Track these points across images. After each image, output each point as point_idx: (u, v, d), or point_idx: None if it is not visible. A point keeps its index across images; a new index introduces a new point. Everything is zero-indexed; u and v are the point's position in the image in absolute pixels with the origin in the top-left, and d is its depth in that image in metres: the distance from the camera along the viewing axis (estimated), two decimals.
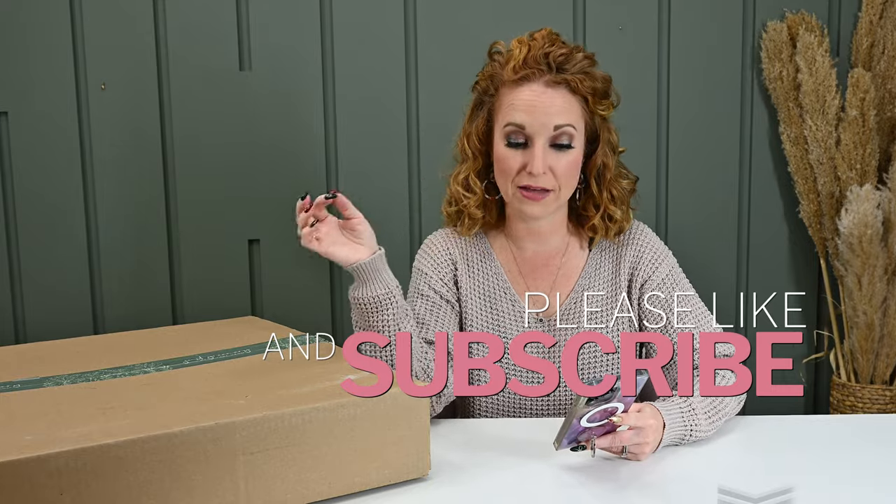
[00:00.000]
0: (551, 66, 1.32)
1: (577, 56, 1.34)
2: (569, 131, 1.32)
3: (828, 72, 2.00)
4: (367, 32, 2.07)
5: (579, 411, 1.07)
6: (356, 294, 1.25)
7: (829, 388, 2.17)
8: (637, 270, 1.41)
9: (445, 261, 1.45)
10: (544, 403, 1.42)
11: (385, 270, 1.26)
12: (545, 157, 1.31)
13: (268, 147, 2.09)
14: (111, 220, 2.09)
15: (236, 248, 2.12)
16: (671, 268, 1.42)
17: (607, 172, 1.39)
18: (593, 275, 1.42)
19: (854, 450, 1.22)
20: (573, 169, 1.35)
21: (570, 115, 1.33)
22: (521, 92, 1.33)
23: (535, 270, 1.43)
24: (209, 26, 2.05)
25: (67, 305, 2.10)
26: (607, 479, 1.11)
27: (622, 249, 1.43)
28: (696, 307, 1.41)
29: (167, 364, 1.17)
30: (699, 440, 1.24)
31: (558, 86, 1.32)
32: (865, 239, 1.92)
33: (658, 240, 1.45)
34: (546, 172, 1.32)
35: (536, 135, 1.32)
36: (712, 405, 1.26)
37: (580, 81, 1.32)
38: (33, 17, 2.01)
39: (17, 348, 1.36)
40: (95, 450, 0.87)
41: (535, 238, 1.43)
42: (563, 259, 1.43)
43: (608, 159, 1.38)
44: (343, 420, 1.01)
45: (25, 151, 2.06)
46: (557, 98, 1.32)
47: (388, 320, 1.25)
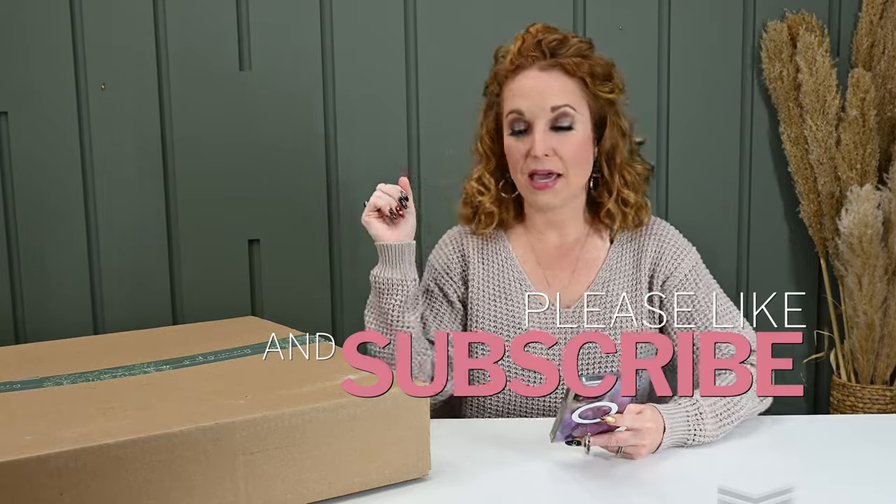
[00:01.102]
0: (545, 52, 1.34)
1: (571, 41, 1.35)
2: (567, 111, 1.32)
3: (828, 72, 2.00)
4: (367, 32, 2.07)
5: (569, 406, 1.08)
6: (375, 272, 1.34)
7: (829, 388, 2.17)
8: (658, 266, 1.40)
9: (456, 256, 1.46)
10: (545, 403, 1.41)
11: (407, 261, 1.33)
12: (546, 140, 1.32)
13: (268, 147, 2.09)
14: (111, 220, 2.09)
15: (236, 248, 2.12)
16: (694, 264, 1.40)
17: (617, 155, 1.38)
18: (614, 267, 1.41)
19: (854, 450, 1.22)
20: (579, 151, 1.34)
21: (566, 96, 1.33)
22: (517, 80, 1.35)
23: (555, 260, 1.43)
24: (209, 26, 2.05)
25: (67, 305, 2.10)
26: (606, 480, 1.11)
27: (643, 245, 1.41)
28: (722, 304, 1.39)
29: (167, 364, 1.17)
30: (706, 443, 1.23)
31: (553, 69, 1.34)
32: (865, 239, 1.92)
33: (680, 236, 1.43)
34: (550, 155, 1.32)
35: (536, 118, 1.33)
36: (725, 407, 1.24)
37: (576, 65, 1.33)
38: (33, 17, 2.01)
39: (17, 348, 1.35)
40: (95, 450, 0.87)
41: (553, 228, 1.43)
42: (583, 250, 1.43)
43: (618, 143, 1.38)
44: (343, 420, 1.01)
45: (25, 151, 2.06)
46: (553, 80, 1.33)
47: (395, 305, 1.33)
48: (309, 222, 2.11)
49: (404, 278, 1.33)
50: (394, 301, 1.33)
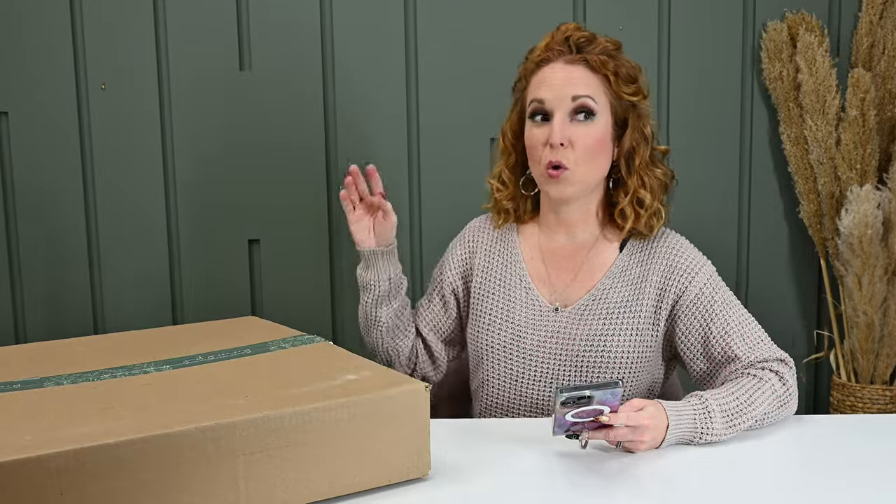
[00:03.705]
0: (571, 47, 1.36)
1: (599, 40, 1.37)
2: (587, 103, 1.33)
3: (828, 72, 2.00)
4: (368, 32, 2.07)
5: (559, 409, 1.10)
6: (357, 270, 1.46)
7: (829, 388, 2.17)
8: (670, 282, 1.36)
9: (466, 248, 1.50)
10: (520, 404, 1.41)
11: (382, 263, 1.43)
12: (564, 129, 1.32)
13: (268, 147, 2.09)
14: (111, 219, 2.09)
15: (236, 248, 2.12)
16: (708, 278, 1.36)
17: (637, 157, 1.38)
18: (619, 275, 1.39)
19: (854, 450, 1.22)
20: (595, 143, 1.34)
21: (588, 88, 1.34)
22: (542, 71, 1.37)
23: (560, 261, 1.43)
24: (209, 26, 2.05)
25: (67, 305, 2.10)
26: (607, 480, 1.11)
27: (653, 257, 1.39)
28: (740, 317, 1.35)
29: (167, 364, 1.17)
30: (714, 442, 1.23)
31: (577, 63, 1.35)
32: (865, 239, 1.92)
33: (693, 249, 1.40)
34: (566, 144, 1.32)
35: (556, 108, 1.33)
36: (736, 407, 1.23)
37: (601, 62, 1.34)
38: (33, 17, 2.01)
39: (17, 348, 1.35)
40: (95, 450, 0.87)
41: (564, 229, 1.43)
42: (589, 254, 1.42)
43: (638, 145, 1.38)
44: (343, 420, 1.01)
45: (26, 151, 2.06)
46: (575, 72, 1.34)
47: (368, 301, 1.45)
48: (309, 222, 2.11)
49: (378, 279, 1.43)
50: (368, 297, 1.45)
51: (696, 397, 1.23)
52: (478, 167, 2.12)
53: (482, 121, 2.10)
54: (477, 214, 1.55)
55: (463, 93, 2.10)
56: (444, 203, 2.12)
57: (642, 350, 1.37)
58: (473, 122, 2.10)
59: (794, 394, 1.30)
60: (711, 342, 1.34)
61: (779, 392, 1.27)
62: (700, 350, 1.35)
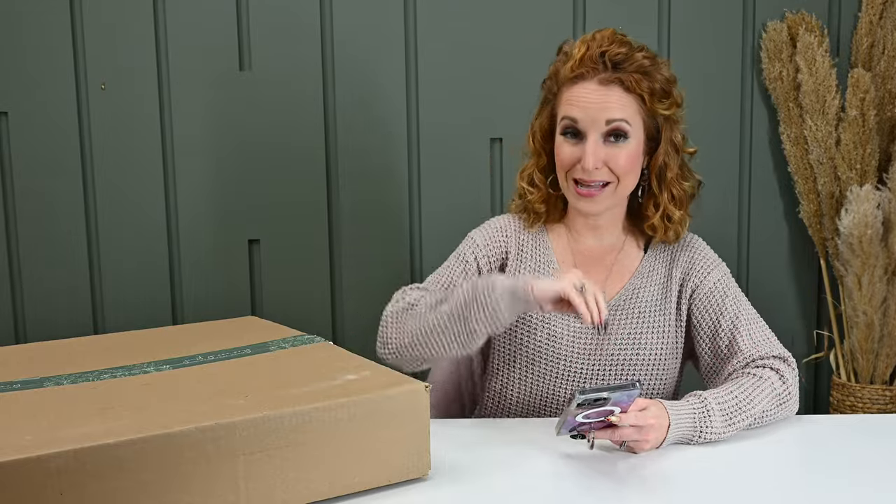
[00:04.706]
0: (606, 64, 1.33)
1: (635, 56, 1.34)
2: (621, 126, 1.32)
3: (828, 72, 2.00)
4: (368, 32, 2.07)
5: (573, 411, 1.09)
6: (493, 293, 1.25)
7: (829, 388, 2.17)
8: (688, 278, 1.41)
9: (499, 242, 1.46)
10: (546, 403, 1.41)
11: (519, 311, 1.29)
12: (597, 152, 1.32)
13: (268, 147, 2.09)
14: (111, 220, 2.09)
15: (236, 248, 2.12)
16: (721, 276, 1.40)
17: (668, 172, 1.38)
18: (647, 275, 1.41)
19: (854, 450, 1.22)
20: (631, 162, 1.34)
21: (623, 111, 1.33)
22: (576, 90, 1.34)
23: (589, 264, 1.43)
24: (209, 26, 2.05)
25: (67, 305, 2.10)
26: (607, 479, 1.11)
27: (675, 256, 1.42)
28: (749, 315, 1.38)
29: (167, 364, 1.17)
30: (714, 441, 1.23)
31: (612, 84, 1.33)
32: (865, 239, 1.92)
33: (710, 250, 1.45)
34: (600, 167, 1.32)
35: (589, 130, 1.33)
36: (736, 406, 1.24)
37: (636, 81, 1.32)
38: (33, 17, 2.01)
39: (17, 348, 1.35)
40: (95, 450, 0.87)
41: (592, 232, 1.43)
42: (619, 256, 1.43)
43: (670, 159, 1.38)
44: (343, 420, 1.01)
45: (25, 151, 2.06)
46: (611, 95, 1.32)
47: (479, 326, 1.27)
48: (309, 222, 2.11)
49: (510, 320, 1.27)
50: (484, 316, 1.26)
51: (695, 397, 1.24)
52: (478, 167, 2.13)
53: (482, 121, 2.10)
54: (477, 214, 1.54)
55: (463, 93, 2.10)
56: (444, 203, 2.12)
57: (672, 348, 1.38)
58: (473, 123, 2.10)
59: (794, 392, 1.30)
60: (720, 334, 1.36)
61: (778, 390, 1.28)
62: (708, 343, 1.37)
